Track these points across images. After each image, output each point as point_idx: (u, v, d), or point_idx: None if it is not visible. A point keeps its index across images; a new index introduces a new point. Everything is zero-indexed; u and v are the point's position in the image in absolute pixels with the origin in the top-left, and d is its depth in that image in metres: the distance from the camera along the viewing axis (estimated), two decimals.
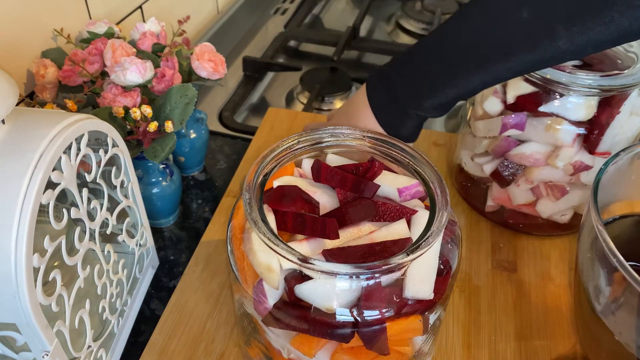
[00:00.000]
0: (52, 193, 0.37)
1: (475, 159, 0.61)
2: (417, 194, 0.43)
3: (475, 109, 0.60)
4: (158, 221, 0.65)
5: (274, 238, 0.36)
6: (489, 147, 0.59)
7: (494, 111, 0.57)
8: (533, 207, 0.60)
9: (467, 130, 0.63)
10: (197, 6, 0.96)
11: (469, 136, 0.62)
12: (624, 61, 0.55)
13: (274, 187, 0.43)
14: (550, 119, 0.53)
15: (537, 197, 0.59)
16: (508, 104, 0.55)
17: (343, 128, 0.46)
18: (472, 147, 0.62)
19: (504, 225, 0.63)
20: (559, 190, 0.58)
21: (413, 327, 0.39)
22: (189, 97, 0.56)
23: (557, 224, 0.61)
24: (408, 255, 0.35)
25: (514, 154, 0.57)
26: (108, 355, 0.49)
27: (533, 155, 0.56)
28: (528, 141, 0.56)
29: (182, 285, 0.57)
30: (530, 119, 0.54)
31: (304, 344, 0.39)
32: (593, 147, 0.54)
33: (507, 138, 0.56)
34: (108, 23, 0.65)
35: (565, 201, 0.58)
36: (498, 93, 0.56)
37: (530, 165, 0.57)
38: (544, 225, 0.61)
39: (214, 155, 0.76)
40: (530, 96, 0.54)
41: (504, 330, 0.53)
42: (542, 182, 0.58)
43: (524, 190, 0.59)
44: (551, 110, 0.53)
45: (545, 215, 0.60)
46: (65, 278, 0.42)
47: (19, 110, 0.39)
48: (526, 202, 0.60)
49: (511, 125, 0.55)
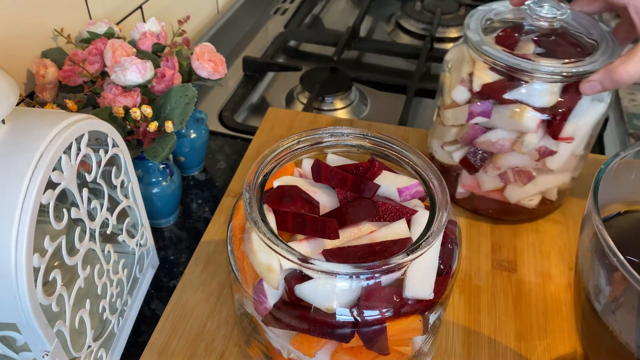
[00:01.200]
0: (52, 193, 0.37)
1: (445, 147, 0.63)
2: (417, 193, 0.43)
3: (444, 99, 0.61)
4: (158, 221, 0.65)
5: (274, 238, 0.36)
6: (458, 135, 0.60)
7: (461, 100, 0.58)
8: (501, 193, 0.61)
9: (437, 120, 0.64)
10: (197, 6, 0.96)
11: (439, 125, 0.64)
12: (586, 48, 0.56)
13: (274, 187, 0.43)
14: (515, 106, 0.54)
15: (505, 183, 0.61)
16: (475, 92, 0.56)
17: (343, 128, 0.46)
18: (441, 135, 0.63)
19: (474, 212, 0.64)
20: (526, 176, 0.59)
21: (413, 327, 0.39)
22: (189, 97, 0.56)
23: (526, 209, 0.62)
24: (408, 255, 0.35)
25: (481, 141, 0.58)
26: (108, 355, 0.50)
27: (499, 142, 0.57)
28: (494, 128, 0.57)
29: (182, 285, 0.57)
30: (496, 106, 0.56)
31: (304, 343, 0.39)
32: (556, 132, 0.55)
33: (474, 126, 0.57)
34: (108, 23, 0.65)
35: (532, 186, 0.60)
36: (465, 82, 0.57)
37: (497, 151, 0.58)
38: (513, 210, 0.62)
39: (214, 155, 0.76)
40: (495, 84, 0.55)
41: (504, 330, 0.53)
42: (509, 168, 0.59)
43: (492, 177, 0.60)
44: (516, 98, 0.54)
45: (514, 200, 0.61)
46: (66, 278, 0.42)
47: (19, 110, 0.39)
48: (495, 188, 0.61)
49: (477, 113, 0.56)
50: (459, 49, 0.60)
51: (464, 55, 0.59)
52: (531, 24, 0.57)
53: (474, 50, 0.55)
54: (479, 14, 0.59)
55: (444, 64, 0.62)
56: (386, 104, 0.88)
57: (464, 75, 0.57)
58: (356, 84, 0.90)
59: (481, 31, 0.56)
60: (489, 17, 0.59)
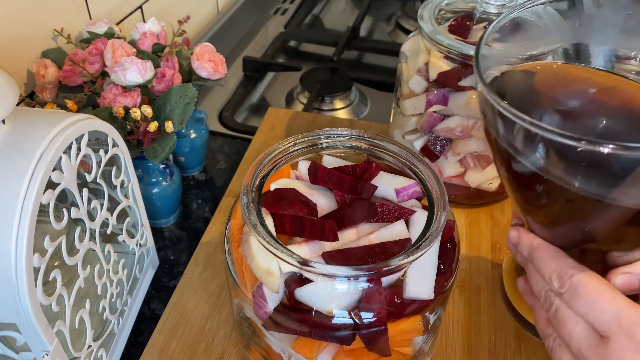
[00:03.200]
0: (52, 193, 0.37)
1: (406, 136, 0.64)
2: (415, 194, 0.43)
3: (402, 89, 0.62)
4: (158, 221, 0.65)
5: (273, 241, 0.36)
6: (417, 124, 0.61)
7: (419, 89, 0.59)
8: (462, 178, 0.63)
9: (397, 111, 0.65)
10: (197, 6, 0.96)
11: (399, 115, 0.65)
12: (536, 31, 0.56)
13: (271, 189, 0.43)
14: (471, 93, 0.56)
15: (465, 168, 0.62)
16: (431, 81, 0.58)
17: (339, 129, 0.46)
18: (402, 125, 0.64)
19: None
20: (485, 160, 0.60)
21: (414, 328, 0.39)
22: (189, 97, 0.56)
23: (486, 192, 0.64)
24: (408, 256, 0.35)
25: (440, 128, 0.59)
26: (108, 355, 0.50)
27: (457, 128, 0.58)
28: (452, 115, 0.58)
29: (182, 285, 0.57)
30: (452, 94, 0.57)
31: (304, 347, 0.39)
32: None
33: (433, 114, 0.59)
34: (108, 23, 0.65)
35: (491, 170, 0.61)
36: (421, 71, 0.58)
37: (456, 138, 0.59)
38: (474, 195, 0.64)
39: (214, 155, 0.76)
40: (450, 72, 0.56)
41: (504, 330, 0.53)
42: (469, 153, 0.60)
43: (452, 163, 0.62)
44: (471, 84, 0.55)
45: (474, 184, 0.62)
46: (66, 278, 0.42)
47: (19, 110, 0.39)
48: (456, 174, 0.62)
49: (435, 101, 0.57)
50: (415, 39, 0.61)
51: (419, 45, 0.60)
52: (482, 12, 0.58)
53: (428, 40, 0.56)
54: (432, 5, 0.60)
55: (401, 55, 0.63)
56: (386, 104, 0.88)
57: (420, 65, 0.58)
58: (356, 84, 0.91)
59: (434, 21, 0.57)
60: (441, 7, 0.60)
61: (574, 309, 0.34)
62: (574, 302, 0.34)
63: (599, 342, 0.33)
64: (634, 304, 0.33)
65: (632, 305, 0.32)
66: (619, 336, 0.31)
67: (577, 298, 0.34)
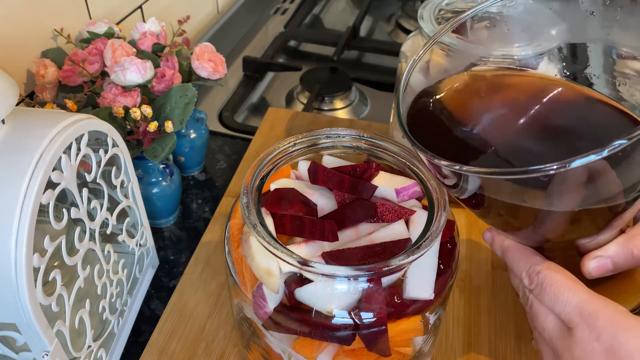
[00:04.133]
0: (52, 193, 0.37)
1: None
2: (415, 194, 0.43)
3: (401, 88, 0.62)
4: (158, 221, 0.65)
5: (273, 242, 0.36)
6: None
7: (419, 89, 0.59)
8: None
9: None
10: (197, 6, 0.96)
11: None
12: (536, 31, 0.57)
13: (271, 189, 0.43)
14: None
15: None
16: None
17: (339, 129, 0.46)
18: None
19: None
20: None
21: (414, 328, 0.39)
22: (189, 97, 0.56)
23: None
24: (408, 256, 0.35)
25: None
26: (108, 355, 0.50)
27: None
28: None
29: (182, 285, 0.57)
30: None
31: (305, 347, 0.39)
32: None
33: None
34: (108, 23, 0.65)
35: None
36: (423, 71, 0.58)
37: None
38: None
39: (214, 155, 0.76)
40: None
41: (504, 330, 0.53)
42: None
43: None
44: None
45: None
46: (65, 278, 0.42)
47: (19, 110, 0.39)
48: None
49: None
50: (415, 39, 0.61)
51: (419, 45, 0.59)
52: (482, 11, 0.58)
53: None
54: (432, 5, 0.60)
55: (401, 55, 0.63)
56: (386, 104, 0.88)
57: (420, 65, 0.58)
58: (356, 84, 0.90)
59: (434, 21, 0.57)
60: (441, 7, 0.60)
61: (543, 303, 0.36)
62: (542, 296, 0.36)
63: (566, 333, 0.35)
64: (594, 294, 0.34)
65: (592, 296, 0.34)
66: (581, 326, 0.33)
67: (544, 293, 0.36)
